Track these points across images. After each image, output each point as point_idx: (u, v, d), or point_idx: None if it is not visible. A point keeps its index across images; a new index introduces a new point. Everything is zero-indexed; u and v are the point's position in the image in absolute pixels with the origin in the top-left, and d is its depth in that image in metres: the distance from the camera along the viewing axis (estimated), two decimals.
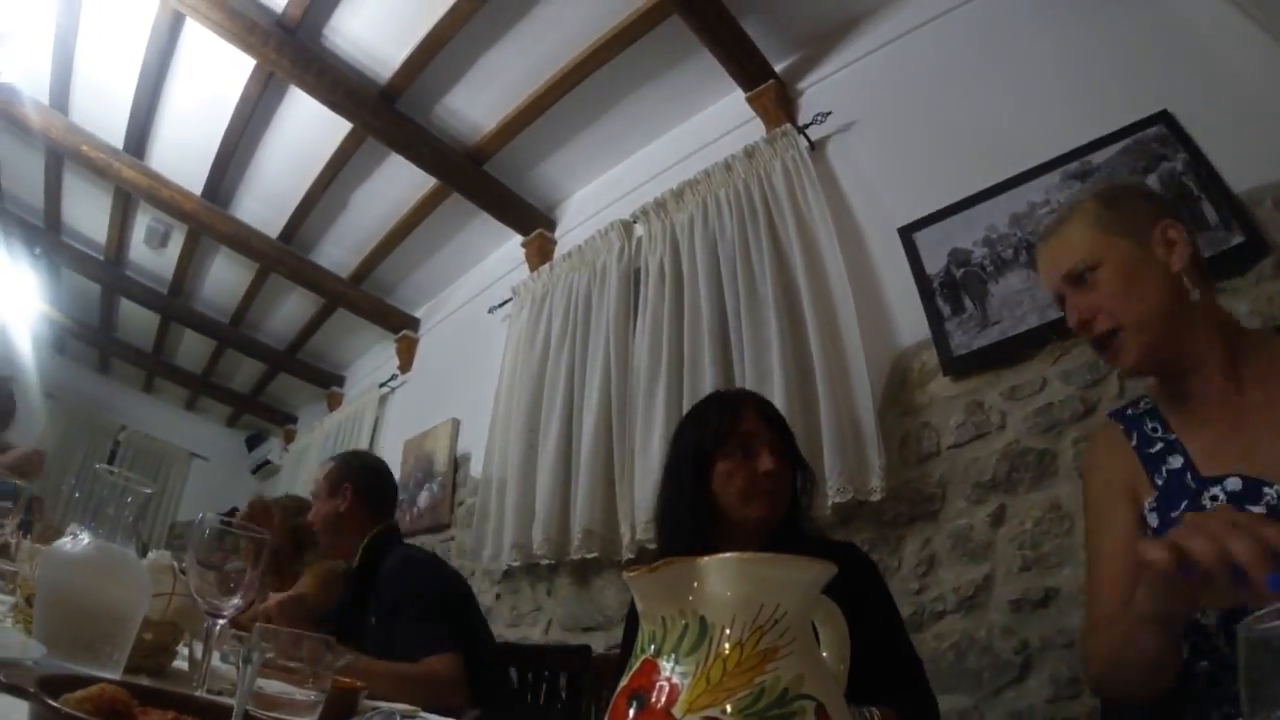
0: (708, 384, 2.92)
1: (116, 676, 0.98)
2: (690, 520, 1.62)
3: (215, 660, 1.31)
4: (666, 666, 0.60)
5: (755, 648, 0.59)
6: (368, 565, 2.41)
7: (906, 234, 2.69)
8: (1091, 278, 1.31)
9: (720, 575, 0.62)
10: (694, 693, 0.58)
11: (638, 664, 0.63)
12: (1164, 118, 2.22)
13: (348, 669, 1.60)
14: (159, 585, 1.29)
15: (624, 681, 0.63)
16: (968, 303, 2.45)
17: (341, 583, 2.78)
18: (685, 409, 2.67)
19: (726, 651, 0.59)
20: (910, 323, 2.62)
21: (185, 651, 1.40)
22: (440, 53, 3.67)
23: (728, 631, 0.60)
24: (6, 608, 1.37)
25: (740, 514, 1.57)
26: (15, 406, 3.23)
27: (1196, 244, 1.31)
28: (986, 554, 2.19)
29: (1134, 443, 1.32)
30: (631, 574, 0.66)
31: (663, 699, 0.58)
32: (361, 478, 2.58)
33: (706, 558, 0.62)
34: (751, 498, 1.57)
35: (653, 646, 0.63)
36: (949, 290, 2.52)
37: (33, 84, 4.35)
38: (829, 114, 3.10)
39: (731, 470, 1.59)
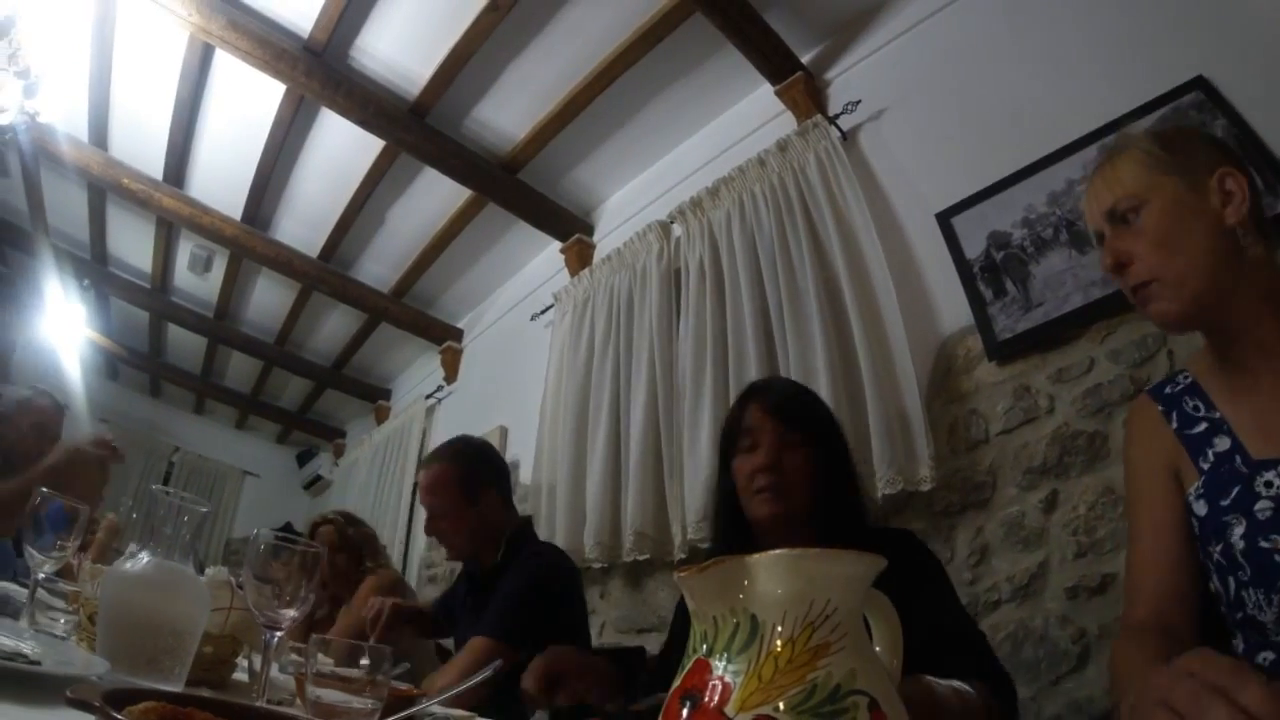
0: (753, 379, 2.91)
1: (178, 689, 1.03)
2: (727, 522, 1.64)
3: (274, 671, 1.37)
4: (719, 666, 0.61)
5: (806, 644, 0.59)
6: (509, 556, 2.35)
7: (944, 219, 2.67)
8: (1134, 219, 1.22)
9: (770, 572, 0.62)
10: (746, 691, 0.58)
11: (690, 664, 0.64)
12: (1200, 84, 2.18)
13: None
14: (217, 600, 1.35)
15: (677, 682, 0.64)
16: (1010, 286, 2.44)
17: (403, 588, 2.83)
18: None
19: (778, 649, 0.59)
20: (953, 309, 2.61)
21: (245, 664, 1.46)
22: (466, 66, 3.74)
23: (779, 629, 0.60)
24: (71, 626, 1.44)
25: (750, 512, 1.58)
26: (60, 424, 3.35)
27: (1260, 198, 1.21)
28: (1040, 541, 2.18)
29: (1174, 424, 1.25)
30: (682, 574, 0.66)
31: (715, 698, 0.59)
32: (491, 473, 2.50)
33: (756, 555, 0.62)
34: (753, 494, 1.56)
35: (705, 646, 0.64)
36: (990, 274, 2.50)
37: (71, 122, 4.52)
38: (859, 102, 3.11)
39: (739, 467, 1.61)
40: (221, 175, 4.87)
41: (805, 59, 3.44)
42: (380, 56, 3.81)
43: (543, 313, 4.71)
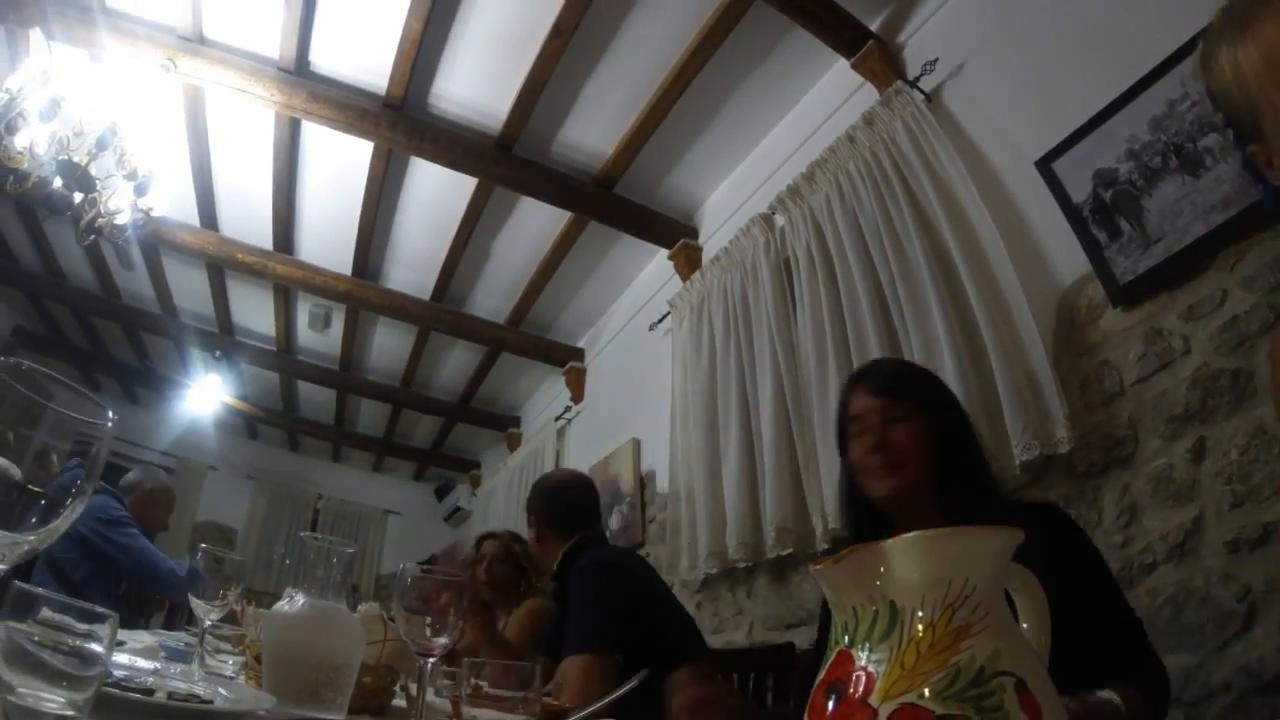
0: None
1: (341, 718, 1.15)
2: (856, 507, 1.69)
3: (430, 696, 1.49)
4: (861, 656, 0.61)
5: (947, 627, 0.59)
6: (562, 582, 2.51)
7: (1044, 165, 2.59)
8: None
9: (905, 556, 0.62)
10: (889, 679, 0.58)
11: (833, 656, 0.64)
12: None
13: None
14: (372, 634, 1.48)
15: (821, 675, 0.65)
16: (1124, 224, 2.35)
17: (548, 617, 2.97)
18: None
19: (920, 634, 0.59)
20: (1067, 258, 2.53)
21: (402, 691, 1.59)
22: (543, 93, 3.89)
23: (919, 613, 0.60)
24: (238, 666, 1.60)
25: (870, 492, 1.61)
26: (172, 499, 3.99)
27: None
28: (1192, 494, 2.08)
29: None
30: (818, 567, 0.67)
31: (860, 689, 0.59)
32: (545, 504, 2.68)
33: (889, 540, 0.63)
34: (868, 474, 1.61)
35: (846, 637, 0.64)
36: (1101, 215, 2.41)
37: (182, 210, 5.01)
38: (936, 61, 3.05)
39: (852, 455, 1.67)
40: (327, 236, 5.26)
41: (874, 26, 3.41)
42: (457, 99, 4.01)
43: (660, 321, 4.80)
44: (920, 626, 0.60)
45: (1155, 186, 2.28)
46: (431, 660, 1.21)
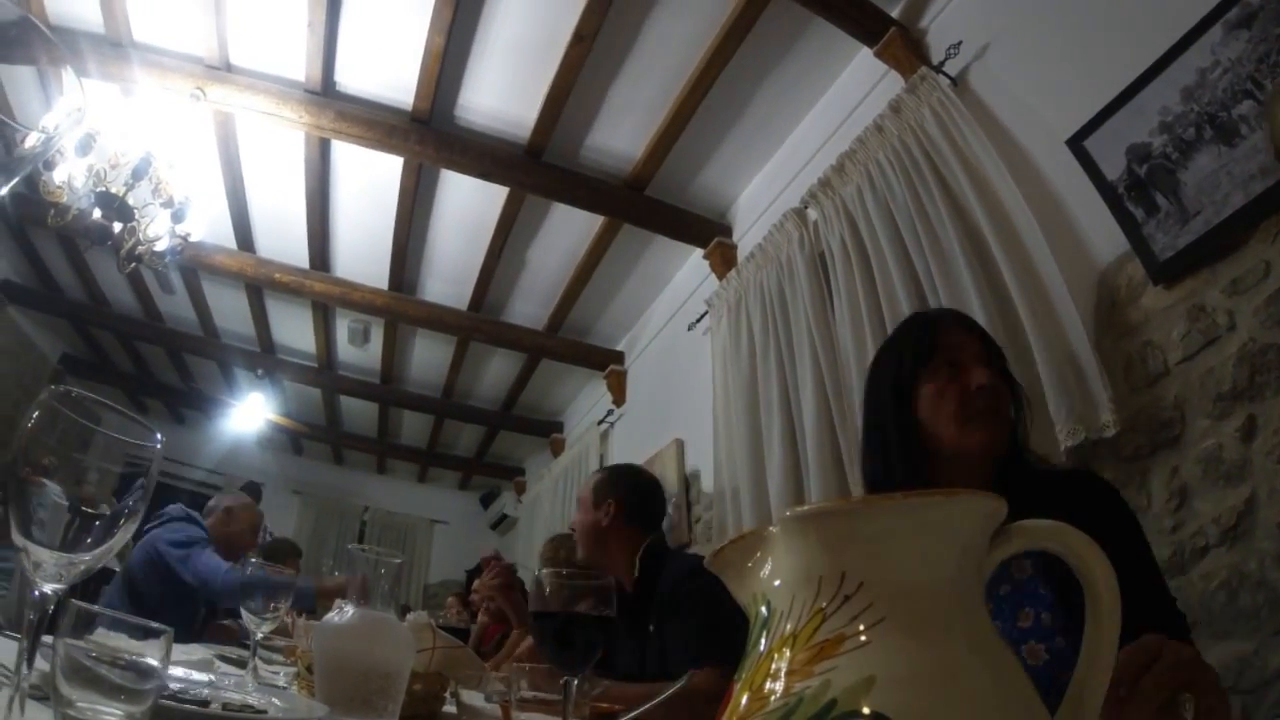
0: None
1: None
2: (901, 460, 1.50)
3: (479, 700, 1.54)
4: (740, 672, 0.50)
5: (809, 640, 0.45)
6: (646, 576, 2.53)
7: (1076, 144, 2.56)
8: None
9: (783, 542, 0.49)
10: (733, 707, 0.47)
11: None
12: None
13: (603, 697, 1.79)
14: (421, 642, 1.53)
15: None
16: (1160, 200, 2.31)
17: None
18: None
19: (775, 647, 0.47)
20: (1104, 237, 2.50)
21: (452, 697, 1.65)
22: (569, 99, 3.94)
23: (787, 621, 0.47)
24: (290, 676, 1.66)
25: (957, 442, 1.45)
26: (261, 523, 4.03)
27: None
28: (1243, 474, 2.03)
29: None
30: (708, 558, 0.56)
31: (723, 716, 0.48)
32: (626, 493, 2.71)
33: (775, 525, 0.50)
34: (968, 419, 1.44)
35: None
36: (1137, 191, 2.38)
37: (218, 234, 5.17)
38: (960, 44, 3.03)
39: (939, 391, 1.47)
40: (362, 252, 5.38)
41: (895, 13, 3.40)
42: (484, 110, 4.08)
43: (698, 321, 4.81)
44: (780, 637, 0.47)
45: (1191, 159, 2.24)
46: None
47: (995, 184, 2.78)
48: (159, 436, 0.75)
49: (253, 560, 1.68)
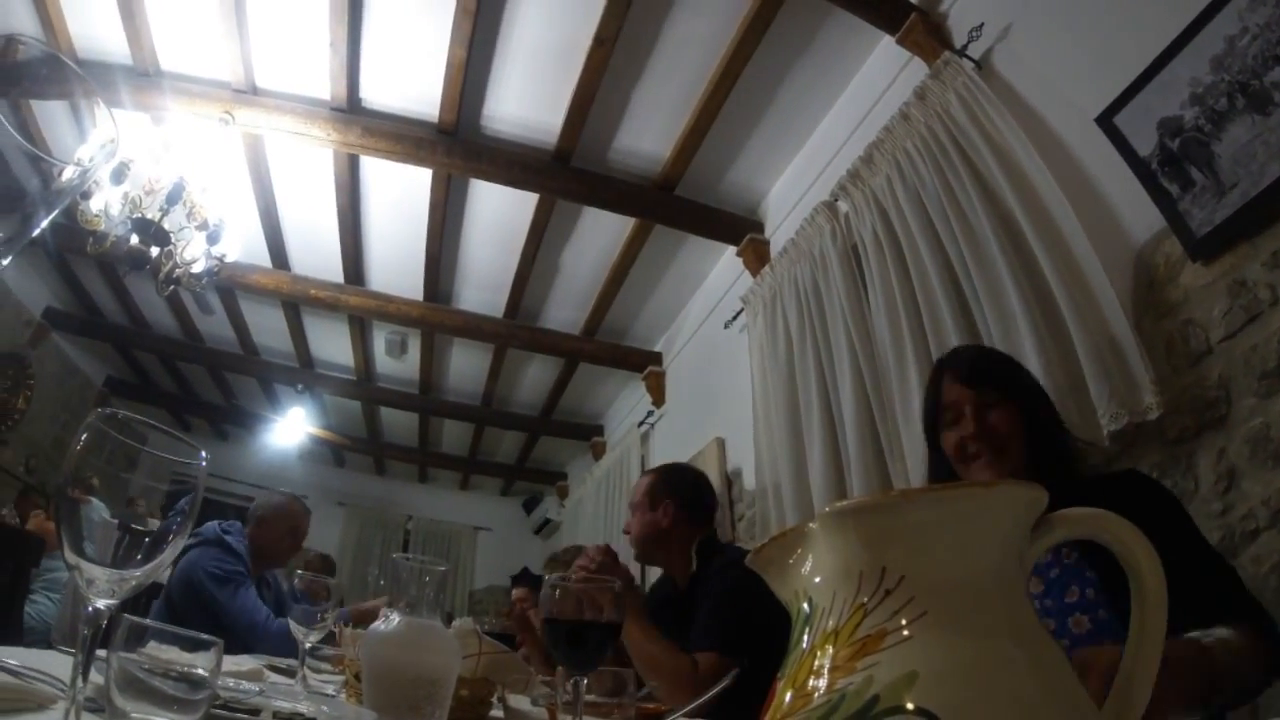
0: (952, 340, 2.88)
1: None
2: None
3: (526, 705, 1.57)
4: (784, 668, 0.50)
5: (851, 636, 0.45)
6: (700, 570, 2.60)
7: (1105, 121, 2.52)
8: None
9: (823, 538, 0.50)
10: (778, 704, 0.47)
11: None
12: None
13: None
14: (467, 648, 1.56)
15: None
16: (1195, 174, 2.27)
17: None
18: None
19: (818, 644, 0.47)
20: (1139, 215, 2.45)
21: (499, 702, 1.68)
22: (594, 103, 3.97)
23: (829, 617, 0.47)
24: (339, 685, 1.70)
25: (968, 480, 1.61)
26: (308, 525, 3.99)
27: None
28: None
29: None
30: (750, 556, 0.57)
31: (768, 712, 0.48)
32: (683, 492, 2.78)
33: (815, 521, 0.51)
34: (968, 464, 1.64)
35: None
36: (1171, 166, 2.33)
37: (253, 254, 5.30)
38: (981, 26, 3.01)
39: (946, 443, 1.69)
40: (396, 264, 5.48)
41: None
42: (510, 118, 4.13)
43: (734, 319, 4.82)
44: (821, 634, 0.47)
45: (1224, 130, 2.20)
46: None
47: (1025, 167, 2.75)
48: (203, 454, 0.78)
49: (299, 572, 1.72)
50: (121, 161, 3.44)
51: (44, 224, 0.56)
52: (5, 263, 0.51)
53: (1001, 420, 1.64)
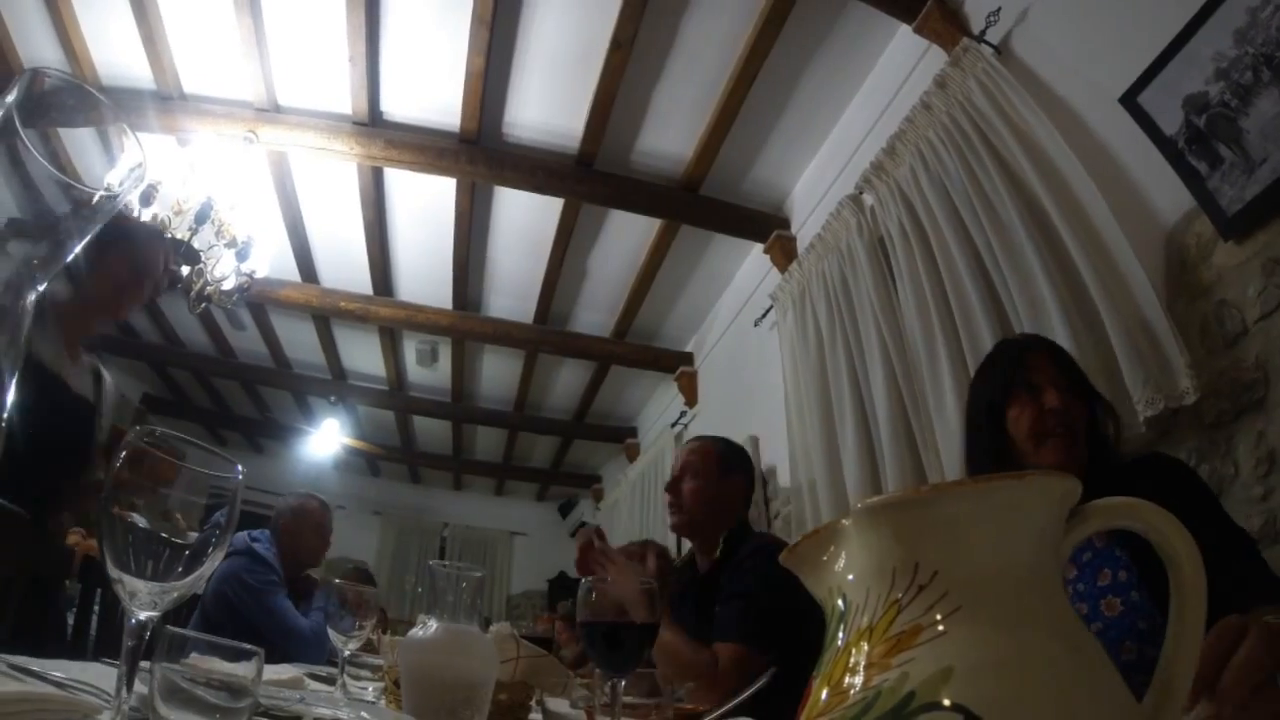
0: (983, 330, 2.88)
1: None
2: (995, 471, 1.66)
3: (565, 708, 1.58)
4: (819, 668, 0.50)
5: (886, 632, 0.45)
6: (726, 556, 2.57)
7: (1129, 100, 2.49)
8: None
9: (856, 535, 0.50)
10: (814, 702, 0.47)
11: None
12: None
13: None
14: (504, 652, 1.58)
15: None
16: (1223, 150, 2.23)
17: None
18: (967, 361, 2.83)
19: (853, 640, 0.47)
20: (1168, 195, 2.42)
21: (537, 705, 1.69)
22: (614, 106, 4.00)
23: (863, 614, 0.47)
24: (378, 691, 1.73)
25: (1035, 460, 1.63)
26: (331, 520, 4.01)
27: None
28: None
29: None
30: (783, 555, 0.57)
31: (803, 712, 0.48)
32: (748, 471, 2.81)
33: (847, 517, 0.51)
34: (1042, 439, 1.63)
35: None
36: (1198, 144, 2.30)
37: (283, 269, 5.39)
38: (999, 10, 3.00)
39: (1019, 413, 1.68)
40: (424, 274, 5.56)
41: None
42: (531, 124, 4.16)
43: (764, 316, 4.83)
44: (856, 631, 0.47)
45: (1251, 104, 2.16)
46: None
47: (1050, 151, 2.73)
48: (239, 468, 0.80)
49: (336, 580, 1.75)
50: (150, 184, 3.51)
51: (76, 249, 0.58)
52: (41, 288, 0.54)
53: (1080, 411, 1.66)
